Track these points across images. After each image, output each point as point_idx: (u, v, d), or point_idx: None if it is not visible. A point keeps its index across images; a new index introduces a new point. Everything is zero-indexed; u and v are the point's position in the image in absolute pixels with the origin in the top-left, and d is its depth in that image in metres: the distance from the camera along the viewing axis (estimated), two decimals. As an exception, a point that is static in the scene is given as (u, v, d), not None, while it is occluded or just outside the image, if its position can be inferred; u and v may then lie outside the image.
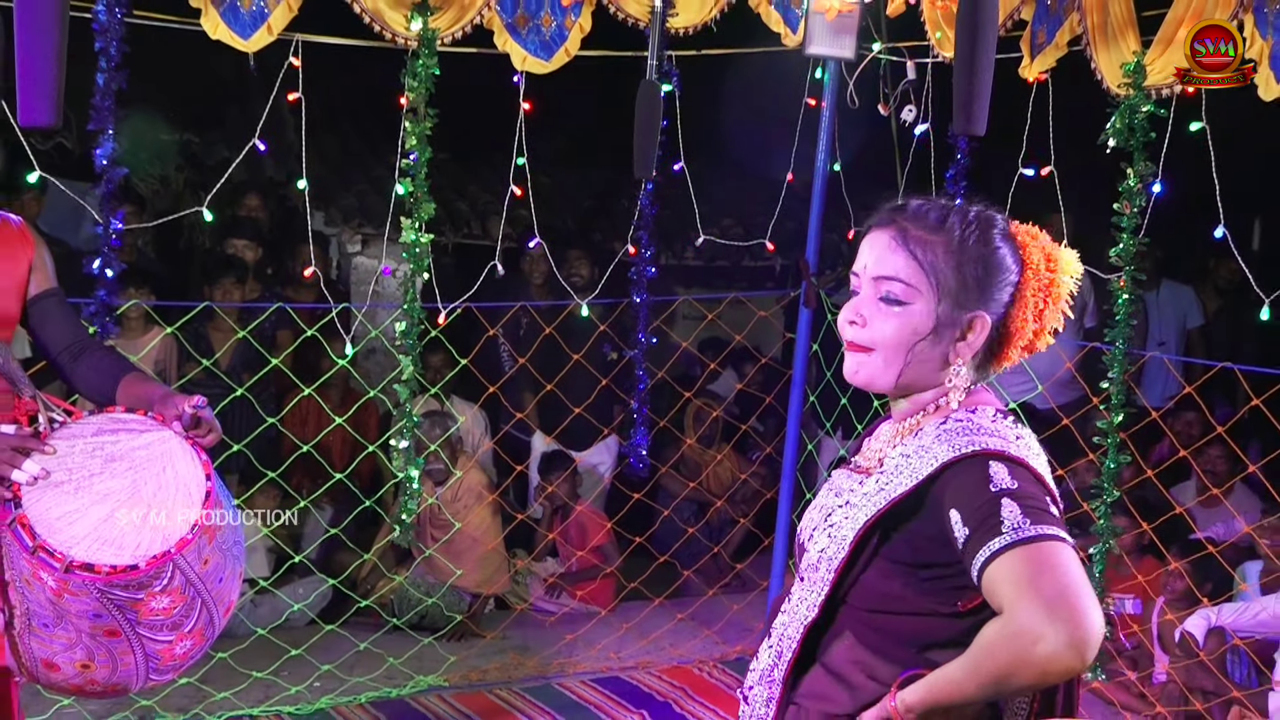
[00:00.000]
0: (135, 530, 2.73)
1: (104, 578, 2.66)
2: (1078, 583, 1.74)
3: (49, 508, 2.72)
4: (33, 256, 3.26)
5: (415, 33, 4.74)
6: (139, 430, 2.90)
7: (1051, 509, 1.85)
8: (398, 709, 5.31)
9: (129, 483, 2.80)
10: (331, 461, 5.98)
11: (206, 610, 2.88)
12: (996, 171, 5.28)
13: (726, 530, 7.16)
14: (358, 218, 7.90)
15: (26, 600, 2.75)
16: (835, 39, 5.10)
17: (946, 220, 2.01)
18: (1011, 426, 1.97)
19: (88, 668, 2.84)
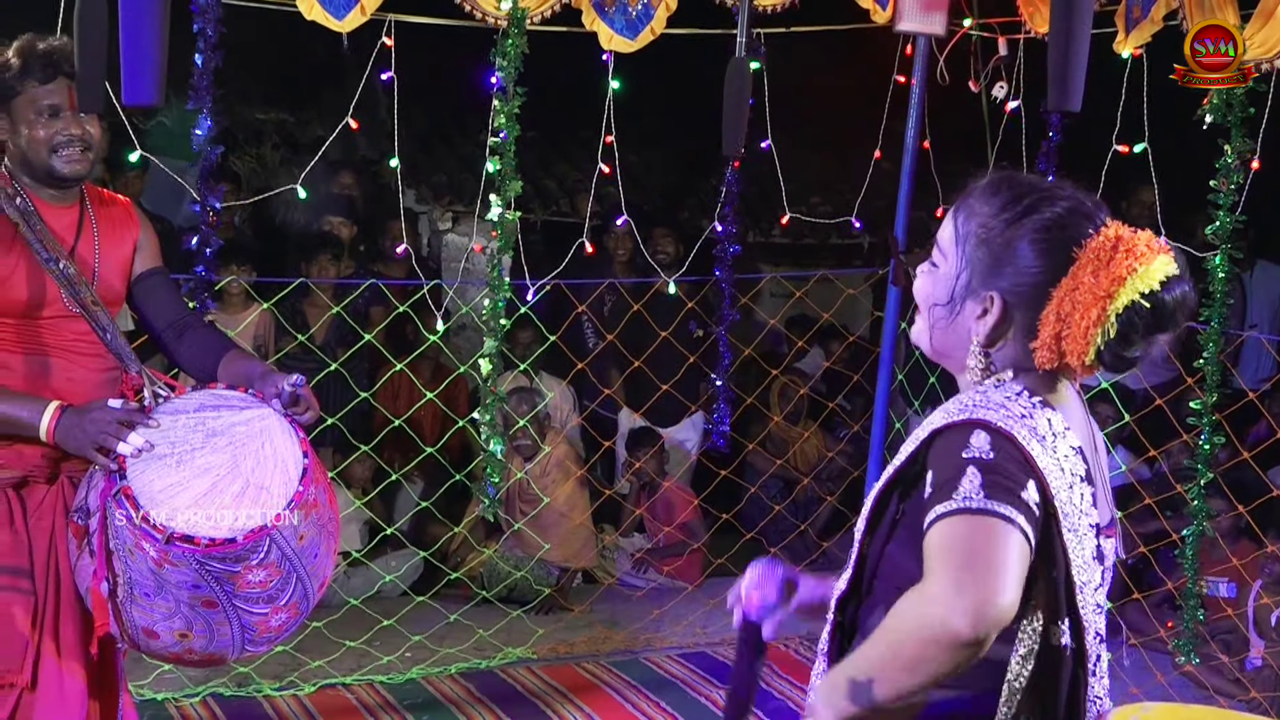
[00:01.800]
0: (234, 504, 2.82)
1: (203, 550, 2.75)
2: (1002, 562, 1.70)
3: (152, 480, 2.81)
4: (138, 236, 3.35)
5: (505, 12, 4.78)
6: (239, 407, 2.98)
7: (1021, 491, 1.76)
8: (487, 680, 5.38)
9: (229, 458, 2.88)
10: (423, 435, 6.06)
11: (301, 585, 2.96)
12: (1089, 148, 5.23)
13: (813, 508, 7.15)
14: (448, 195, 7.98)
15: (129, 569, 2.84)
16: (925, 15, 5.07)
17: (1001, 193, 1.94)
18: (1028, 406, 1.86)
19: (185, 637, 2.93)
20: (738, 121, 4.94)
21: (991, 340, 1.93)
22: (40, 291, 3.12)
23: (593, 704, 5.18)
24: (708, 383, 6.51)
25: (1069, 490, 1.83)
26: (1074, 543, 1.83)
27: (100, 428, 2.87)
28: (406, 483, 6.04)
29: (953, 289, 1.94)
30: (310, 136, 7.94)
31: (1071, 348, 1.84)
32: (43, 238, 3.09)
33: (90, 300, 3.12)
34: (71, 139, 3.13)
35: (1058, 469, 1.82)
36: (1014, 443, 1.79)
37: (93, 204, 3.29)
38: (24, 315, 3.12)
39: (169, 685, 4.97)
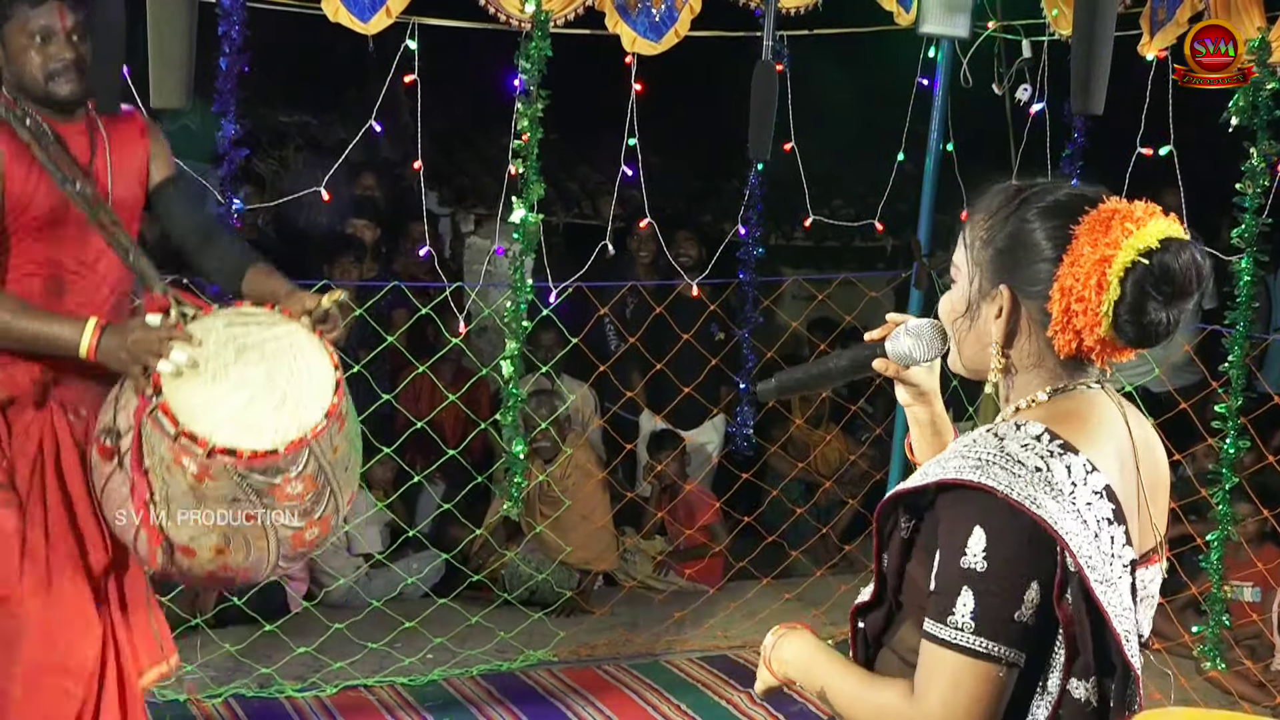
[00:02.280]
0: (272, 416, 2.84)
1: (245, 461, 2.78)
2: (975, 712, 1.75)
3: (188, 396, 2.83)
4: (149, 145, 3.38)
5: (529, 15, 4.79)
6: (269, 323, 3.00)
7: (1014, 612, 1.75)
8: (508, 682, 5.38)
9: (263, 371, 2.91)
10: (444, 438, 6.07)
11: (334, 498, 2.98)
12: (1113, 151, 5.21)
13: (835, 511, 7.15)
14: (471, 198, 8.00)
15: (166, 486, 2.85)
16: (949, 17, 5.07)
17: (999, 195, 1.94)
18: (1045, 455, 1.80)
19: (222, 552, 2.93)
20: (765, 125, 4.95)
21: (1008, 337, 1.90)
22: (61, 210, 3.14)
23: (613, 706, 5.18)
24: (729, 385, 6.52)
25: (1094, 541, 1.78)
26: (1109, 594, 1.78)
27: (144, 345, 2.88)
28: (428, 485, 6.06)
29: (969, 296, 1.93)
30: (333, 139, 7.97)
31: (1083, 321, 1.81)
32: (57, 158, 3.11)
33: (110, 220, 3.13)
34: (66, 64, 3.14)
35: (1080, 523, 1.77)
36: (1020, 513, 1.75)
37: (101, 120, 3.30)
38: (44, 235, 3.14)
39: (192, 686, 4.98)
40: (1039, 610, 1.76)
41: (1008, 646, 1.75)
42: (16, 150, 3.11)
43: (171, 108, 3.99)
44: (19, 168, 3.10)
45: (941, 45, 5.56)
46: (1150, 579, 1.93)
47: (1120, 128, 5.12)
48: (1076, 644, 1.79)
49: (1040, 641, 1.79)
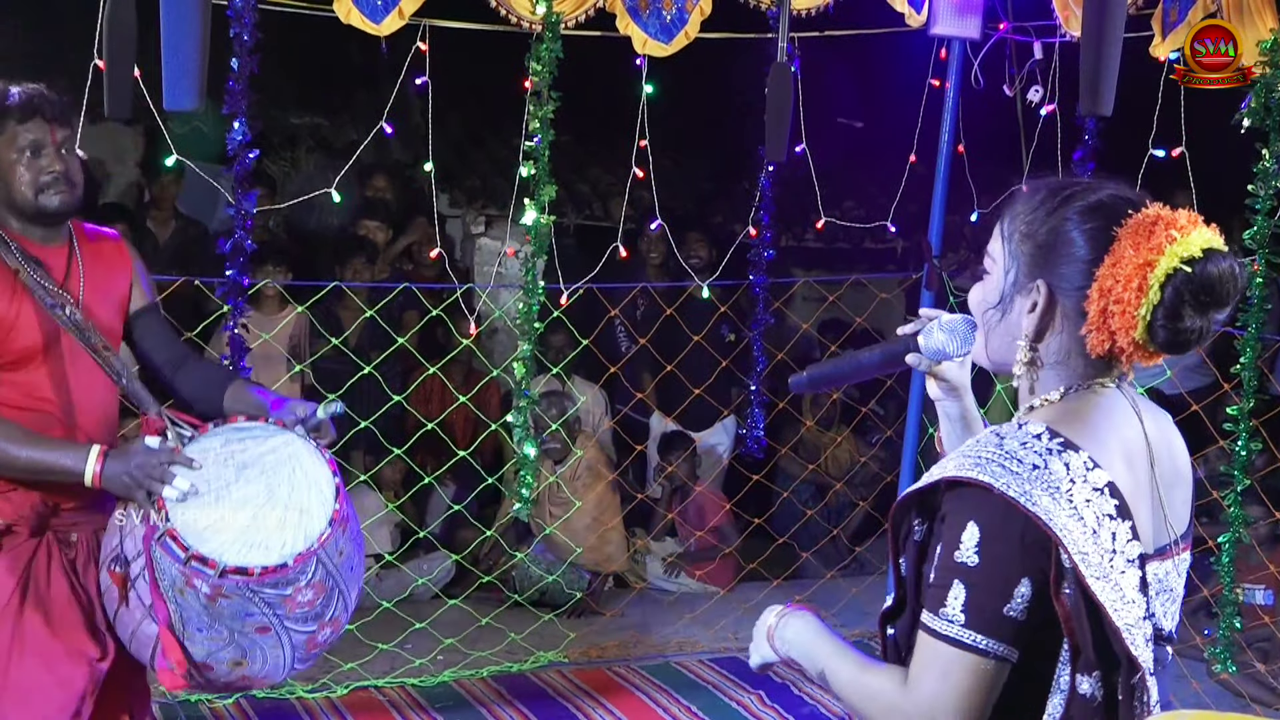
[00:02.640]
0: (278, 531, 2.89)
1: (256, 578, 2.82)
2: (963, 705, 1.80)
3: (195, 519, 2.87)
4: (131, 271, 3.35)
5: (540, 17, 4.81)
6: (264, 436, 3.04)
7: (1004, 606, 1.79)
8: (518, 683, 5.40)
9: (264, 487, 2.95)
10: (455, 439, 6.09)
11: (343, 598, 3.02)
12: (1125, 152, 5.21)
13: (845, 513, 7.15)
14: (481, 199, 8.01)
15: (180, 608, 2.88)
16: (960, 19, 5.09)
17: (1040, 191, 1.96)
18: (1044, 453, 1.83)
19: (239, 664, 2.98)
20: (780, 127, 4.96)
21: (1039, 332, 1.93)
22: (50, 336, 3.12)
23: (623, 708, 5.20)
24: (739, 387, 6.53)
25: (1093, 538, 1.80)
26: (1105, 589, 1.79)
27: (146, 471, 2.89)
28: (439, 486, 6.07)
29: (1002, 288, 1.96)
30: (344, 141, 8.00)
31: (1119, 323, 1.83)
32: (44, 282, 3.08)
33: (101, 345, 3.11)
34: (56, 176, 3.12)
35: (1076, 520, 1.79)
36: (1014, 508, 1.79)
37: (81, 242, 3.27)
38: (29, 365, 3.12)
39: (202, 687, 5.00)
40: (1032, 606, 1.79)
41: (997, 641, 1.79)
42: (1, 278, 3.07)
43: (183, 109, 4.00)
44: (3, 295, 3.07)
45: (953, 46, 5.56)
46: (1167, 572, 1.94)
47: (1132, 129, 5.12)
48: (1077, 639, 1.81)
49: (1046, 638, 1.82)
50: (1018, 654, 1.81)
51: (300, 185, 7.49)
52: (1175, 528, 1.96)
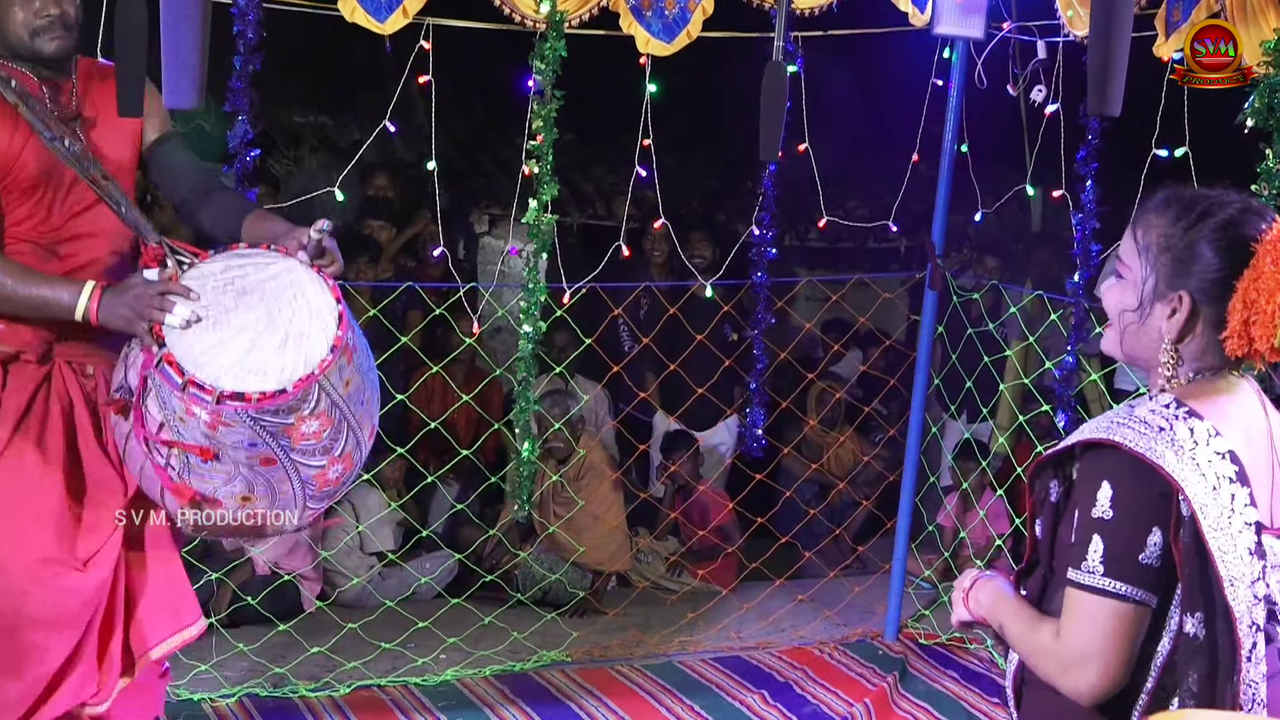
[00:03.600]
0: (277, 356, 2.83)
1: (255, 404, 2.77)
2: (1114, 644, 2.03)
3: (192, 345, 2.82)
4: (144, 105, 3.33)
5: (543, 16, 4.80)
6: (265, 263, 2.98)
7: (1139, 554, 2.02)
8: (521, 683, 5.40)
9: (264, 313, 2.88)
10: (458, 438, 6.10)
11: (353, 434, 2.96)
12: (1128, 151, 5.22)
13: (848, 513, 7.15)
14: (485, 198, 8.03)
15: (182, 438, 2.84)
16: (964, 18, 5.08)
17: (1174, 206, 2.14)
18: (1169, 418, 2.06)
19: (248, 500, 2.95)
20: (774, 126, 4.93)
21: (1180, 336, 2.13)
22: (50, 169, 3.13)
23: (626, 707, 5.20)
24: (742, 387, 6.53)
25: (1213, 493, 2.02)
26: (1221, 540, 2.01)
27: (145, 302, 2.87)
28: (442, 485, 6.08)
29: (1140, 295, 2.15)
30: (348, 140, 8.02)
31: (1260, 332, 2.03)
32: (44, 116, 3.07)
33: (100, 175, 3.10)
34: (51, 19, 3.12)
35: (1198, 475, 2.02)
36: (1142, 464, 2.02)
37: (89, 79, 3.28)
38: (34, 197, 3.14)
39: (205, 685, 5.01)
40: (1163, 554, 2.03)
41: (1134, 586, 2.03)
42: (1, 111, 3.09)
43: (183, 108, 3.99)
44: (4, 129, 3.09)
45: (956, 46, 5.56)
46: None
47: (1135, 128, 5.12)
48: (1189, 581, 2.02)
49: (1169, 584, 2.04)
50: (1156, 599, 2.04)
51: (304, 184, 7.51)
52: None
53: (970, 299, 6.20)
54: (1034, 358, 6.34)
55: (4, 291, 3.00)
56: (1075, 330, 5.45)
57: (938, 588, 6.49)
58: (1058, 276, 6.24)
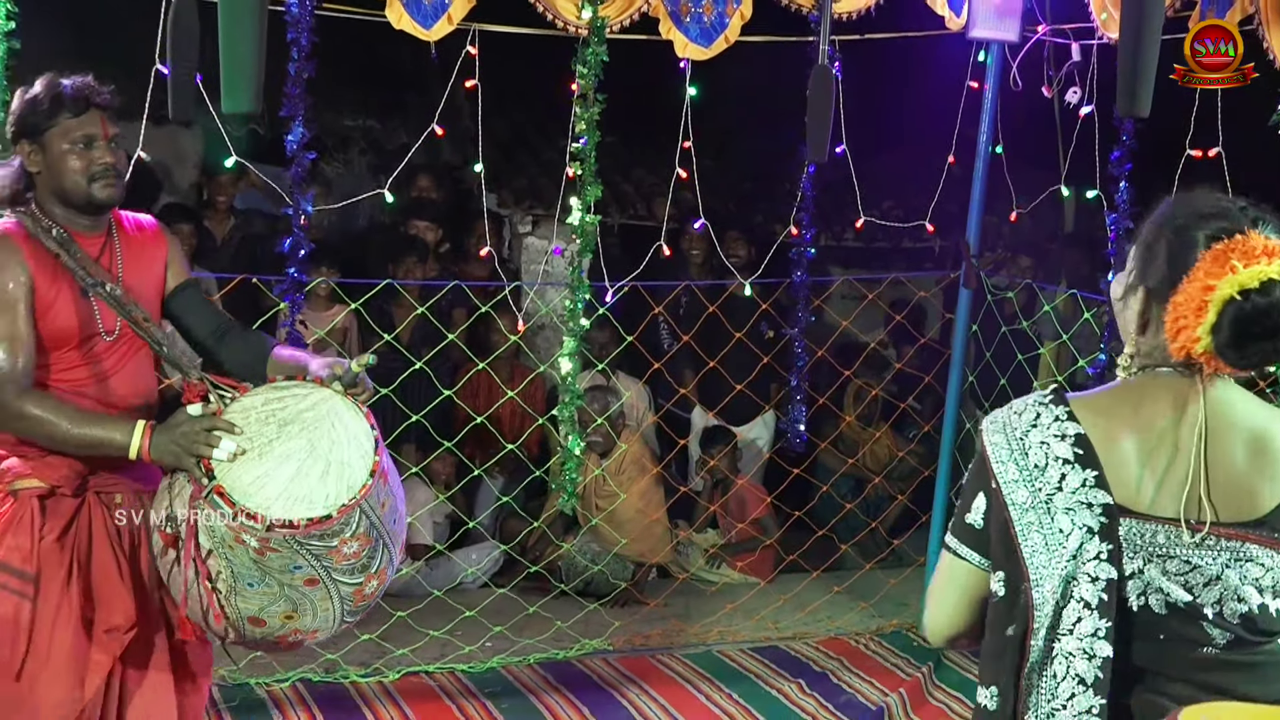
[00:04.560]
0: (321, 484, 2.97)
1: (302, 530, 2.91)
2: (938, 592, 2.28)
3: (240, 476, 2.97)
4: (167, 253, 3.47)
5: (586, 21, 4.89)
6: (302, 394, 3.13)
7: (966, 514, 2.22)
8: (564, 670, 5.49)
9: (305, 442, 3.03)
10: (502, 433, 6.21)
11: (388, 550, 3.12)
12: (1162, 152, 5.25)
13: (884, 506, 7.22)
14: (529, 199, 8.12)
15: (231, 564, 3.00)
16: (999, 22, 5.12)
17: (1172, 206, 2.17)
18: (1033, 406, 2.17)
19: (291, 618, 3.09)
20: (822, 129, 4.99)
21: (1140, 328, 2.18)
22: (87, 319, 3.23)
23: (666, 694, 5.28)
24: (779, 383, 6.61)
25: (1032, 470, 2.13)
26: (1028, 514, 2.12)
27: (192, 439, 2.99)
28: (488, 478, 6.19)
29: (1125, 285, 2.22)
30: (396, 143, 8.12)
31: (1185, 339, 2.05)
32: (84, 264, 3.19)
33: (142, 317, 3.23)
34: (107, 168, 3.22)
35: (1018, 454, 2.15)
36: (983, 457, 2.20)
37: (120, 230, 3.38)
38: (74, 343, 3.23)
39: (260, 670, 5.13)
40: (986, 519, 2.19)
41: (960, 542, 2.23)
42: (40, 261, 3.19)
43: (241, 112, 4.11)
44: (44, 278, 3.18)
45: (991, 49, 5.61)
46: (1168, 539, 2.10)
47: (1169, 129, 5.16)
48: (995, 545, 2.16)
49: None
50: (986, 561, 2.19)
51: (352, 186, 7.65)
52: (1219, 509, 2.10)
53: (1004, 298, 6.25)
54: (1067, 356, 6.37)
55: (59, 432, 3.10)
56: (1108, 328, 5.48)
57: (972, 580, 6.51)
58: (1090, 276, 6.26)
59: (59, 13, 5.38)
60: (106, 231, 3.34)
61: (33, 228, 3.20)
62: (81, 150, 3.21)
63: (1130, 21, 4.35)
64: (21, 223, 3.21)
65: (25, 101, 3.25)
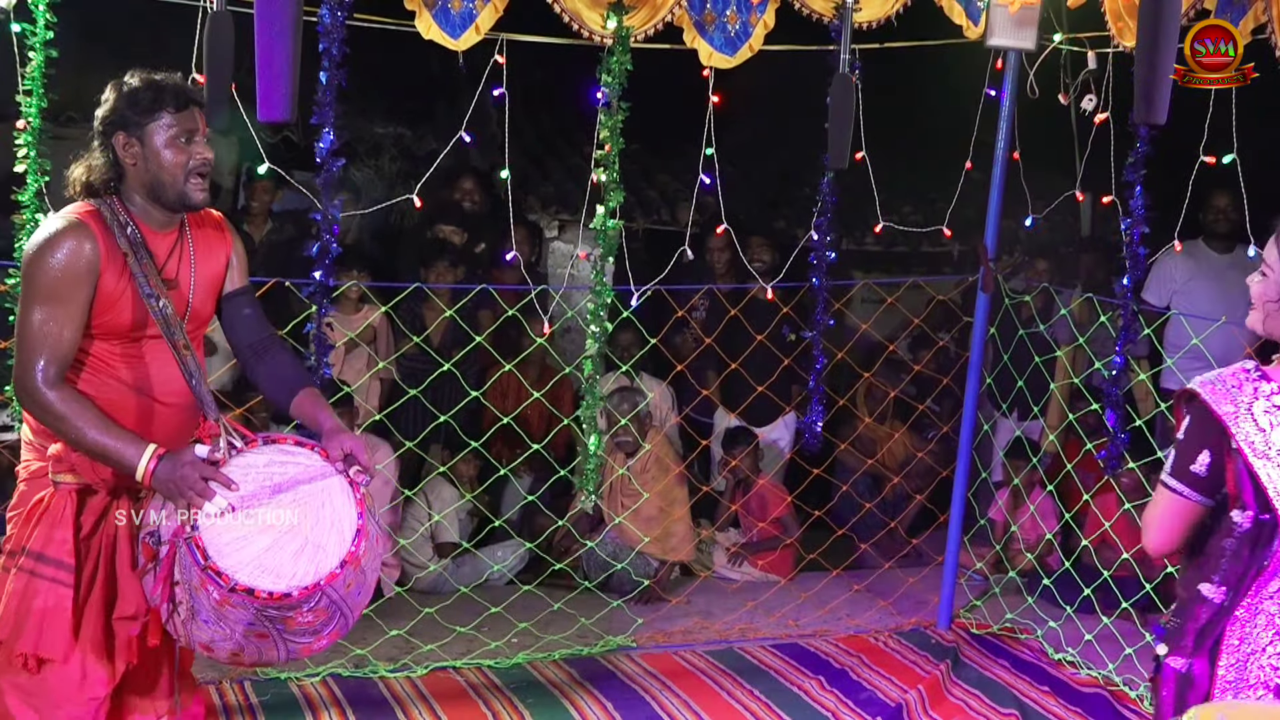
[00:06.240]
0: (291, 561, 3.09)
1: (261, 601, 3.04)
2: (1160, 523, 2.92)
3: (220, 533, 3.09)
4: (230, 252, 3.53)
5: (610, 31, 4.95)
6: (305, 464, 3.23)
7: (1190, 465, 2.83)
8: (589, 666, 5.56)
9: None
10: (531, 433, 6.28)
11: (343, 618, 3.24)
12: (1177, 158, 5.31)
13: (903, 506, 7.27)
14: (555, 205, 8.20)
15: (194, 600, 3.12)
16: (1017, 31, 5.16)
17: None
18: (1242, 378, 2.80)
19: (237, 656, 3.24)
20: (843, 136, 5.03)
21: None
22: (142, 317, 3.30)
23: (689, 691, 5.33)
24: (800, 384, 6.67)
25: (1262, 432, 2.74)
26: (1266, 465, 2.74)
27: (188, 484, 3.09)
28: (514, 478, 6.27)
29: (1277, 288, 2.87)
30: (425, 149, 8.20)
31: None
32: (148, 272, 3.25)
33: (182, 344, 3.29)
34: (206, 163, 3.29)
35: (1250, 420, 2.76)
36: (1207, 408, 2.79)
37: (191, 227, 3.44)
38: (126, 337, 3.31)
39: (291, 665, 5.08)
40: (1211, 470, 2.80)
41: (1184, 485, 2.84)
42: (112, 254, 3.24)
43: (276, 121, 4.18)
44: (112, 272, 3.24)
45: (1009, 57, 5.66)
46: None
47: (1184, 135, 5.20)
48: (1237, 489, 2.77)
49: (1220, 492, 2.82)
50: (1206, 500, 2.83)
51: (383, 192, 7.75)
52: None
53: (1021, 301, 6.32)
54: (1083, 358, 6.43)
55: (75, 434, 3.17)
56: (1123, 331, 5.53)
57: (989, 579, 6.60)
58: (1106, 280, 6.30)
59: (94, 22, 5.47)
60: (179, 228, 3.40)
61: (110, 219, 3.26)
62: (182, 145, 3.26)
63: (1147, 30, 4.38)
64: (99, 211, 3.27)
65: (124, 95, 3.28)
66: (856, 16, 5.16)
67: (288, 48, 4.03)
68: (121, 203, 3.31)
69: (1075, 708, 5.28)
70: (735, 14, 5.16)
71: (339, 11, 4.68)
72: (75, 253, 3.19)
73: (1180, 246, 5.52)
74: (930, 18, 5.38)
